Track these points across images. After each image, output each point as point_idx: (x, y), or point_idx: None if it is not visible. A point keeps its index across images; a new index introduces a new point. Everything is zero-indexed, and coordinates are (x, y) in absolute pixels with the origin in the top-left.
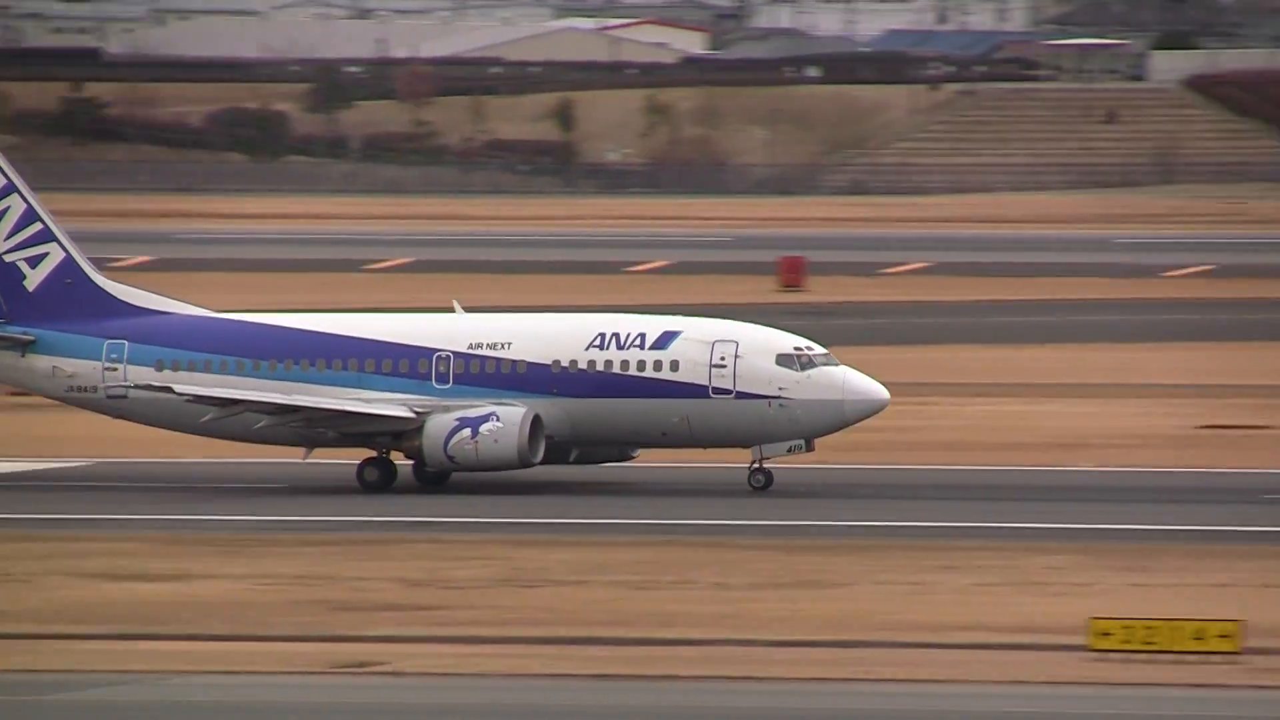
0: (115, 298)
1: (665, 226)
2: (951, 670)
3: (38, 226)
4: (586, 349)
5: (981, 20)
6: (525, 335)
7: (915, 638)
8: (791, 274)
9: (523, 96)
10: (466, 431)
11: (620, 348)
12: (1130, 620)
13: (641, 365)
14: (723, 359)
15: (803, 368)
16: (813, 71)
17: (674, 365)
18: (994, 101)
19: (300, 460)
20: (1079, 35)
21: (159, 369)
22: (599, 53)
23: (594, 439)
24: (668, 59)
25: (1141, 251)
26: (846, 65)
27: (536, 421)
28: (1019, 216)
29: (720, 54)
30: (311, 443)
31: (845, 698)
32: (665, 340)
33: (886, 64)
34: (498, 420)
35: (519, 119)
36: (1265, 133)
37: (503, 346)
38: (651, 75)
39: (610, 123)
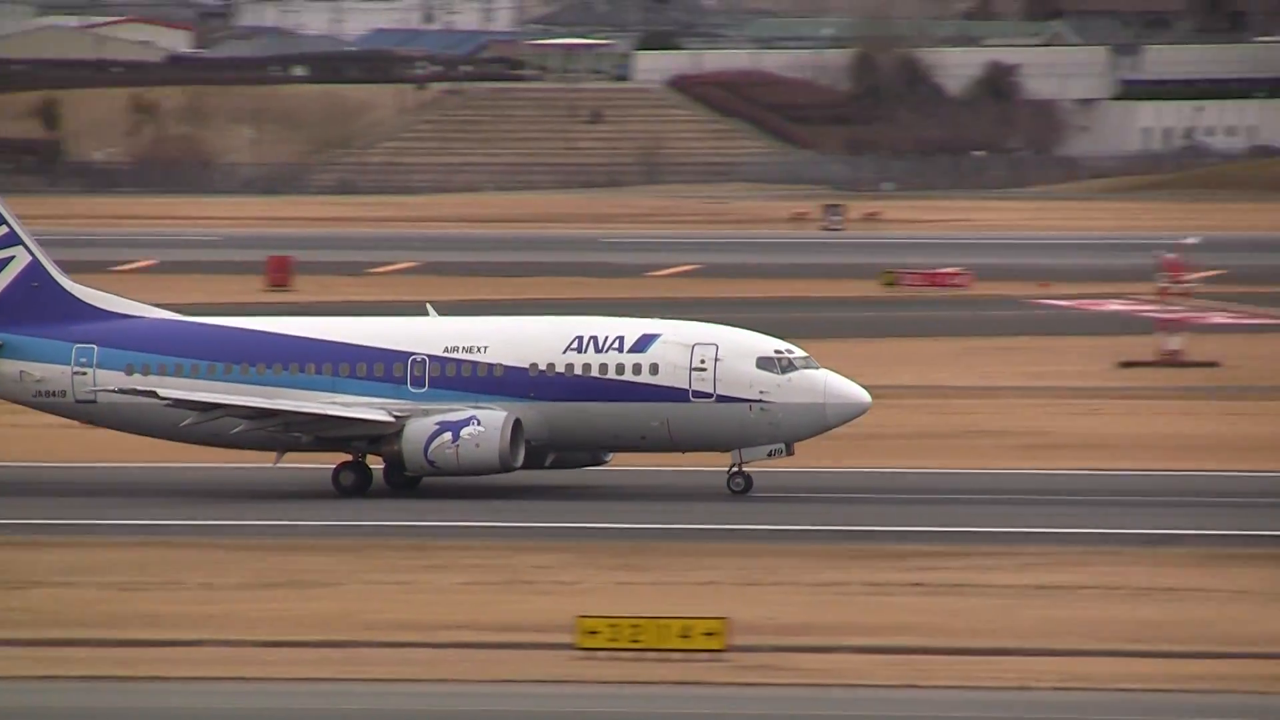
0: (82, 301)
1: (152, 225)
2: (437, 669)
3: (2, 230)
4: (564, 352)
5: (467, 20)
6: (501, 338)
7: (402, 637)
8: (279, 273)
9: (5, 94)
10: (447, 436)
11: (599, 351)
12: (617, 618)
13: (620, 368)
14: (703, 362)
15: (783, 371)
16: (299, 71)
17: (654, 368)
18: (480, 101)
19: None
20: (564, 35)
21: (129, 373)
22: (83, 50)
23: (572, 443)
24: (153, 57)
25: (628, 251)
26: (333, 64)
27: (517, 425)
28: (506, 216)
29: (206, 52)
30: (285, 447)
31: (331, 697)
32: (644, 343)
33: (373, 63)
34: (478, 424)
35: (2, 117)
36: (747, 133)
37: (479, 350)
38: (137, 73)
39: (96, 121)
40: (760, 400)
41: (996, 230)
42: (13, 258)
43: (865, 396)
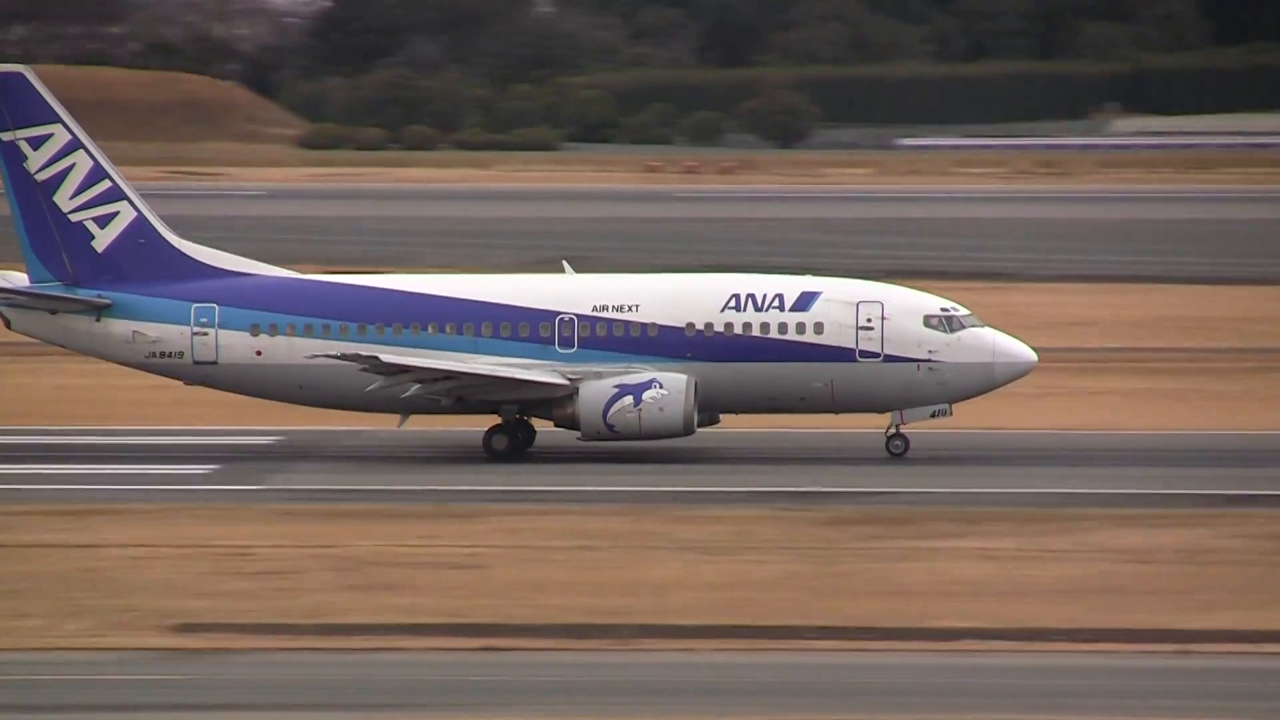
0: (192, 259)
1: None
2: None
3: (106, 184)
4: (722, 310)
5: None
6: (654, 297)
7: None
8: None
9: None
10: (628, 399)
11: (759, 309)
12: None
13: (784, 328)
14: (869, 320)
15: (951, 329)
16: None
17: (818, 327)
18: None
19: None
20: None
21: (254, 333)
22: None
23: (728, 405)
24: None
25: None
26: None
27: (695, 388)
28: None
29: None
30: (425, 410)
31: None
32: (805, 301)
33: None
34: (661, 387)
35: None
36: None
37: (630, 309)
38: None
39: None
40: (929, 360)
41: None
42: (117, 213)
43: (1032, 355)
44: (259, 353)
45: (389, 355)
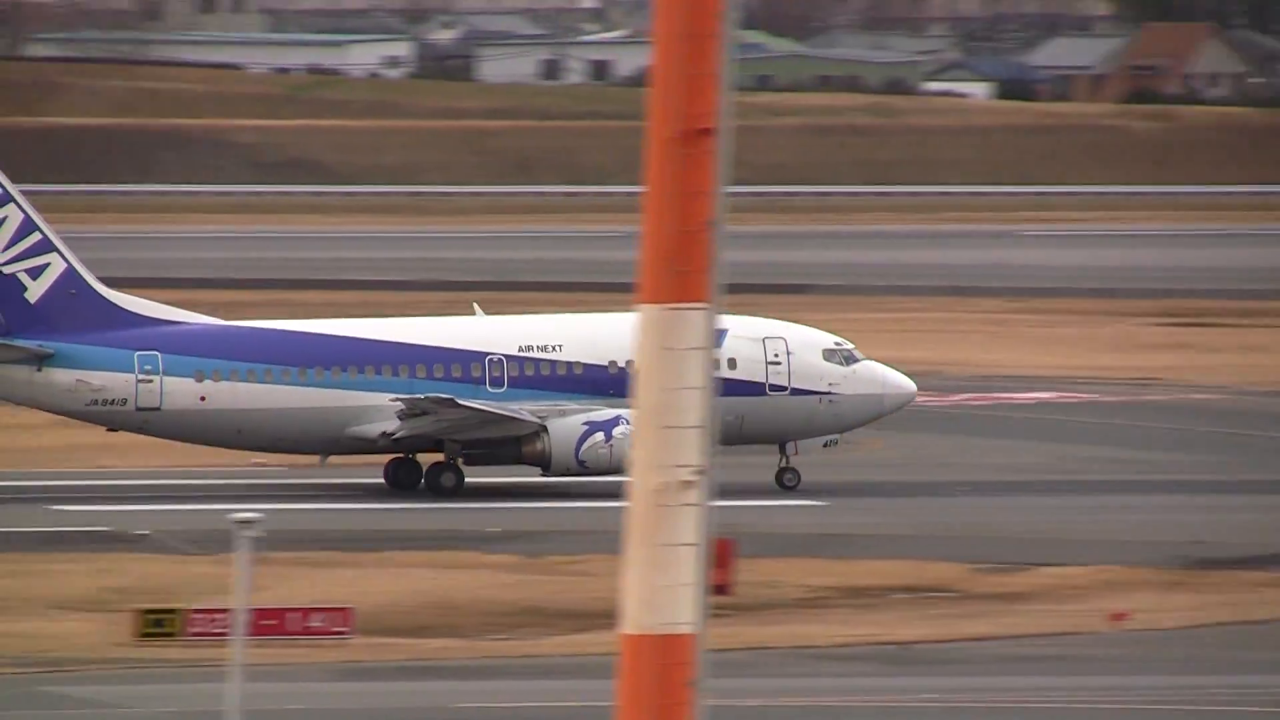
0: (123, 308)
1: None
2: None
3: (37, 236)
4: None
5: None
6: (576, 337)
7: None
8: None
9: None
10: (599, 435)
11: None
12: None
13: None
14: (776, 356)
15: (846, 362)
16: None
17: (731, 363)
18: None
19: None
20: None
21: (199, 379)
22: None
23: None
24: None
25: None
26: None
27: None
28: None
29: None
30: (345, 450)
31: None
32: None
33: None
34: (628, 423)
35: None
36: None
37: (554, 349)
38: None
39: None
40: (829, 392)
41: None
42: (48, 264)
43: (913, 386)
44: (203, 398)
45: (469, 401)
